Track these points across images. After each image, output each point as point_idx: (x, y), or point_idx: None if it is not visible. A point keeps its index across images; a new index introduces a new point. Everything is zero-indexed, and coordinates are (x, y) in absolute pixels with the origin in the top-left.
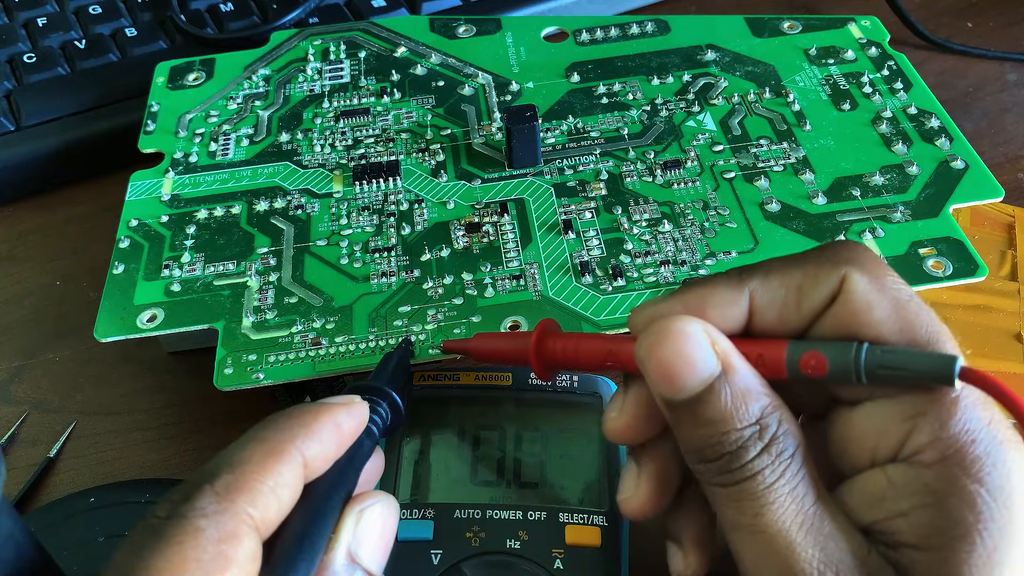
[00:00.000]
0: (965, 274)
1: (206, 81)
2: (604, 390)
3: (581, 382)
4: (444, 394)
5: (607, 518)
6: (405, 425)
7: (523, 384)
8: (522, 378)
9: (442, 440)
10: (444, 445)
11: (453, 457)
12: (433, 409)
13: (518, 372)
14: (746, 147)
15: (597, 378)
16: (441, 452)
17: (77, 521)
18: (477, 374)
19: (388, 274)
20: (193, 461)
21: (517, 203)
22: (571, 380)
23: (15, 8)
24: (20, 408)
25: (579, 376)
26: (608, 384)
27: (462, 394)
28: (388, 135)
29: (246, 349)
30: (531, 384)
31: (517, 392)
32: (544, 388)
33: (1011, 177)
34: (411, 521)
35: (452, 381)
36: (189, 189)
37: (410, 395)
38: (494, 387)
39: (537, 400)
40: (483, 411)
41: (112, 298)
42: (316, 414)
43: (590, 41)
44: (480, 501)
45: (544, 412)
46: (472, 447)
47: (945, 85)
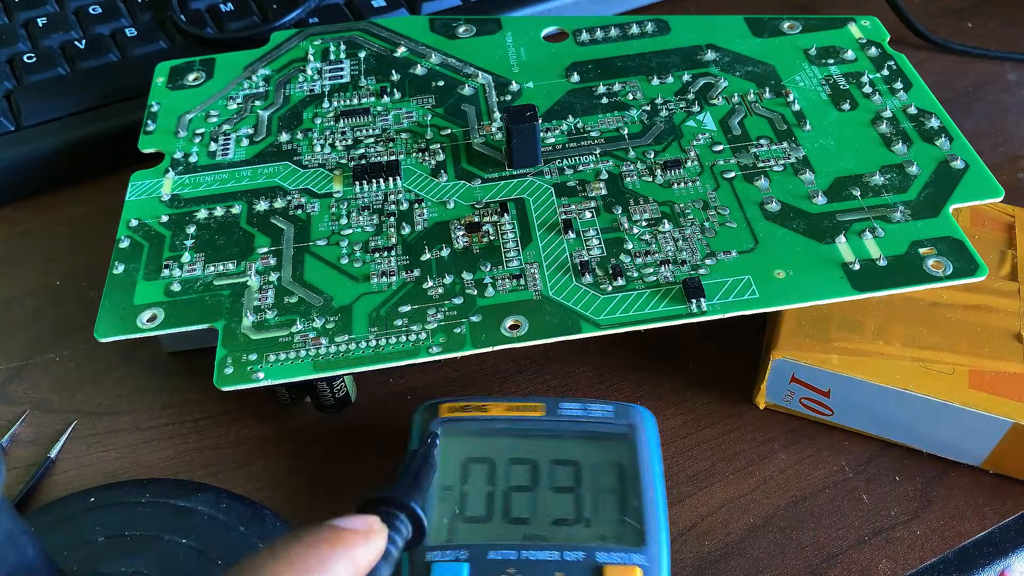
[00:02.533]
0: (965, 274)
1: (206, 81)
2: (638, 419)
3: (617, 412)
4: (473, 427)
5: (648, 557)
6: (433, 464)
7: (555, 414)
8: (554, 407)
9: (473, 475)
10: (475, 481)
11: (485, 493)
12: (462, 443)
13: (550, 401)
14: (746, 147)
15: (632, 407)
16: (472, 488)
17: (77, 521)
18: (508, 405)
19: (388, 274)
20: (193, 461)
21: (517, 203)
22: (605, 410)
23: (15, 8)
24: (20, 408)
25: (613, 406)
26: (644, 413)
27: (492, 426)
28: (388, 135)
29: (246, 349)
30: (564, 414)
31: (550, 423)
32: (578, 419)
33: (1011, 177)
34: (445, 563)
35: (481, 412)
36: (189, 189)
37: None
38: (526, 418)
39: (571, 431)
40: (514, 443)
41: (112, 298)
42: (332, 546)
43: (590, 41)
44: (515, 540)
45: (578, 444)
46: (505, 482)
47: (945, 85)
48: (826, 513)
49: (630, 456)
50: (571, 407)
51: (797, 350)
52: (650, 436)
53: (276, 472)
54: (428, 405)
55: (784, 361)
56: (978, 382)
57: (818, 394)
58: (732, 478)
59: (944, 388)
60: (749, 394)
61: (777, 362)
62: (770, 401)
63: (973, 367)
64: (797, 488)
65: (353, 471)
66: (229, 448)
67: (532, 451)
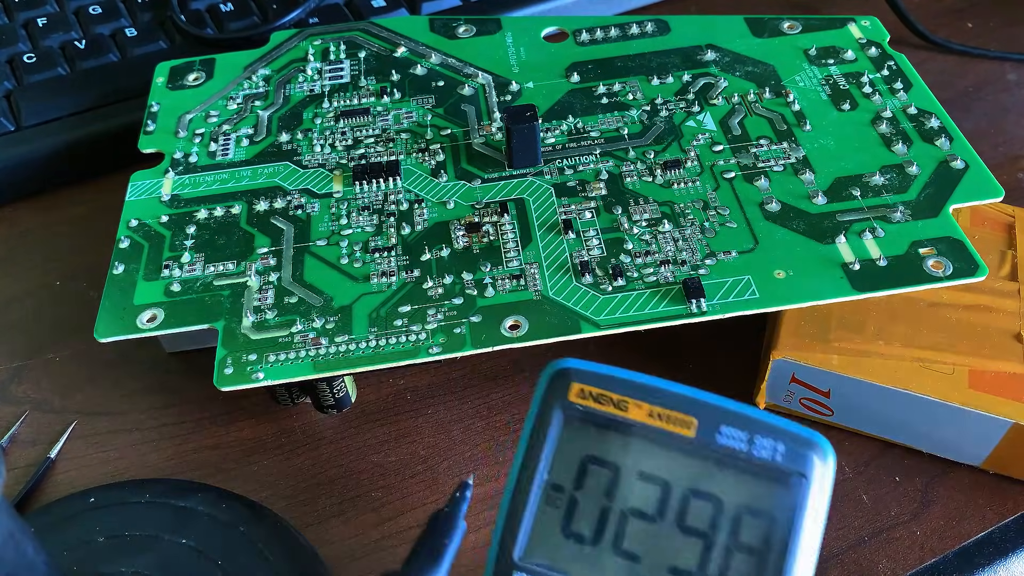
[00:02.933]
0: (965, 274)
1: (206, 81)
2: (814, 466)
3: (787, 451)
4: (603, 422)
5: None
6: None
7: (710, 438)
8: (710, 428)
9: (588, 480)
10: (590, 487)
11: (598, 507)
12: (585, 437)
13: (705, 418)
14: (746, 147)
15: (809, 450)
16: (585, 496)
17: (77, 521)
18: (652, 409)
19: (388, 274)
20: (193, 461)
21: (517, 203)
22: (775, 447)
23: (15, 8)
24: (20, 408)
25: (785, 443)
26: (823, 454)
27: (626, 429)
28: (388, 135)
29: (246, 349)
30: (721, 441)
31: (700, 447)
32: (736, 452)
33: (1011, 177)
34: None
35: (618, 411)
36: (189, 189)
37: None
38: (670, 434)
39: (722, 460)
40: (648, 457)
41: (112, 298)
42: None
43: (590, 41)
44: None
45: (727, 478)
46: (624, 501)
47: (945, 85)
48: None
49: (788, 511)
50: (732, 433)
51: (797, 350)
52: (825, 489)
53: (276, 472)
54: (556, 375)
55: (784, 361)
56: (978, 382)
57: (818, 394)
58: None
59: (944, 388)
60: (749, 394)
61: (777, 362)
62: (770, 401)
63: (973, 367)
64: None
65: (353, 471)
66: (229, 448)
67: (670, 468)
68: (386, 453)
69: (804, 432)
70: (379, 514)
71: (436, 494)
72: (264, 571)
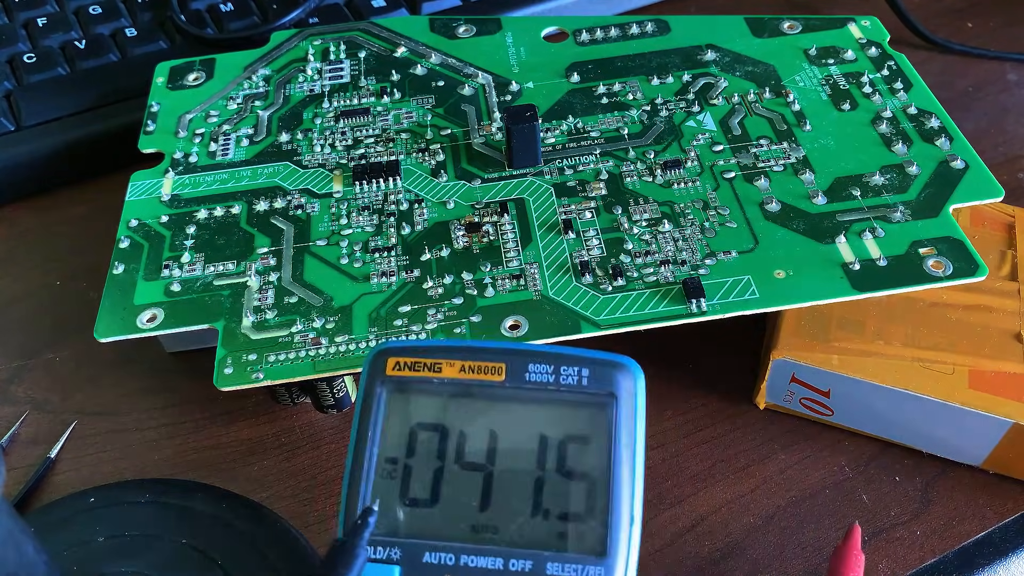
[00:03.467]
0: (965, 274)
1: (206, 81)
2: (622, 385)
3: (591, 378)
4: (423, 387)
5: (605, 570)
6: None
7: (520, 380)
8: (519, 371)
9: (419, 447)
10: (422, 453)
11: (431, 470)
12: (409, 407)
13: (513, 361)
14: (746, 147)
15: (613, 369)
16: (418, 463)
17: (77, 521)
18: (464, 364)
19: (388, 274)
20: (193, 461)
21: (517, 203)
22: (580, 374)
23: (15, 8)
24: (20, 408)
25: (589, 369)
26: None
27: (443, 390)
28: (388, 135)
29: (246, 349)
30: (530, 379)
31: (512, 390)
32: (545, 385)
33: (1011, 177)
34: (374, 565)
35: (433, 373)
36: (189, 189)
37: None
38: (483, 383)
39: (535, 399)
40: (469, 411)
41: (112, 298)
42: None
43: (590, 41)
44: (457, 538)
45: (542, 414)
46: (455, 457)
47: (945, 85)
48: (826, 513)
49: (604, 434)
50: (538, 371)
51: (797, 350)
52: (634, 408)
53: (276, 472)
54: (377, 359)
55: (784, 361)
56: (978, 382)
57: (818, 394)
58: (732, 478)
59: (944, 388)
60: (749, 394)
61: (777, 362)
62: (770, 401)
63: (973, 367)
64: (797, 488)
65: None
66: (229, 448)
67: (492, 417)
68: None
69: (608, 356)
70: None
71: None
72: (264, 571)
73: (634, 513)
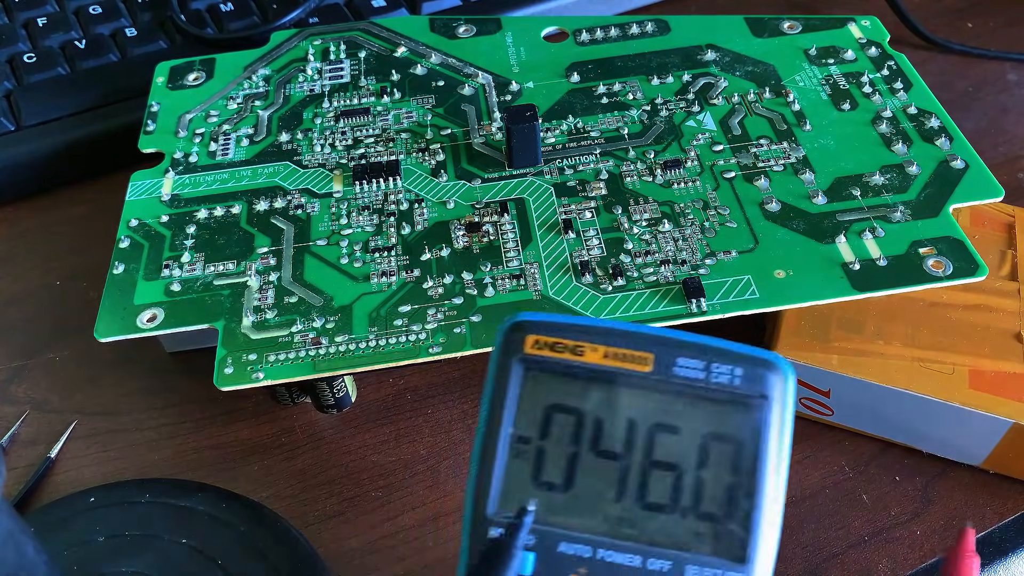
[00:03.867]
0: (965, 274)
1: (206, 81)
2: (775, 387)
3: (744, 375)
4: (561, 369)
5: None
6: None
7: (667, 371)
8: (667, 362)
9: (554, 429)
10: (556, 436)
11: (566, 454)
12: (546, 387)
13: (662, 354)
14: (746, 147)
15: (767, 371)
16: (552, 445)
17: (77, 521)
18: (608, 351)
19: (388, 274)
20: (193, 461)
21: (517, 203)
22: (732, 372)
23: (15, 8)
24: (20, 408)
25: (743, 368)
26: (783, 374)
27: (584, 374)
28: (388, 135)
29: (246, 349)
30: (677, 373)
31: (657, 382)
32: (695, 382)
33: (1011, 177)
34: None
35: (574, 356)
36: (189, 189)
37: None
38: (627, 372)
39: (681, 392)
40: (609, 398)
41: (112, 298)
42: None
43: (590, 41)
44: (593, 530)
45: (689, 408)
46: (591, 444)
47: (945, 85)
48: (826, 513)
49: (753, 435)
50: (688, 364)
51: (797, 350)
52: (784, 409)
53: (276, 472)
54: (511, 329)
55: None
56: (978, 382)
57: (818, 394)
58: None
59: (944, 388)
60: None
61: None
62: None
63: (973, 367)
64: (797, 488)
65: (353, 471)
66: (229, 448)
67: (632, 407)
68: (386, 453)
69: (760, 353)
70: (379, 514)
71: (436, 494)
72: (264, 571)
73: (777, 520)
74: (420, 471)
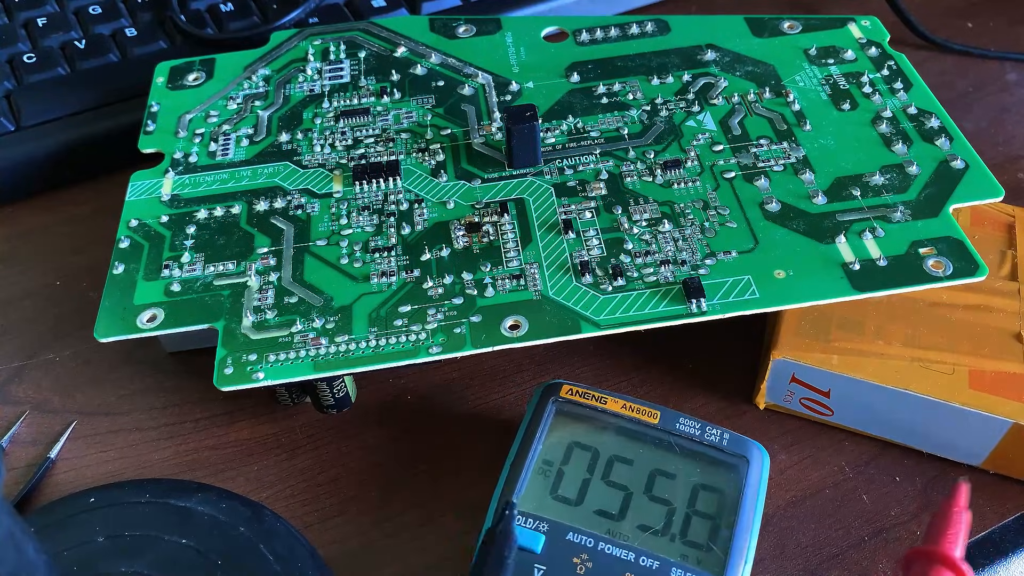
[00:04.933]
0: (965, 274)
1: (206, 81)
2: (753, 455)
3: (731, 441)
4: (586, 414)
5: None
6: (542, 433)
7: (671, 427)
8: (671, 420)
9: (574, 459)
10: (574, 465)
11: (581, 479)
12: (572, 426)
13: (667, 413)
14: (746, 147)
15: (750, 442)
16: (570, 470)
17: (77, 521)
18: (625, 403)
19: (388, 274)
20: (193, 461)
21: (517, 203)
22: (721, 436)
23: (15, 8)
24: (20, 408)
25: (730, 435)
26: (761, 451)
27: (604, 419)
28: (388, 135)
29: (246, 349)
30: (678, 429)
31: (662, 433)
32: (691, 437)
33: (1011, 177)
34: (523, 528)
35: (598, 403)
36: (189, 189)
37: None
38: (639, 421)
39: (680, 446)
40: (622, 442)
41: (112, 298)
42: None
43: (590, 41)
44: (596, 531)
45: (686, 461)
46: (602, 475)
47: (945, 85)
48: (826, 513)
49: (736, 488)
50: (687, 424)
51: (797, 350)
52: (761, 475)
53: (276, 472)
54: (551, 384)
55: (784, 361)
56: (978, 382)
57: (818, 394)
58: None
59: (944, 388)
60: (749, 394)
61: (777, 362)
62: (770, 401)
63: (973, 367)
64: (797, 488)
65: (353, 471)
66: (229, 448)
67: (638, 455)
68: (386, 453)
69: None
70: (379, 514)
71: (437, 494)
72: (264, 571)
73: (749, 555)
74: (420, 471)
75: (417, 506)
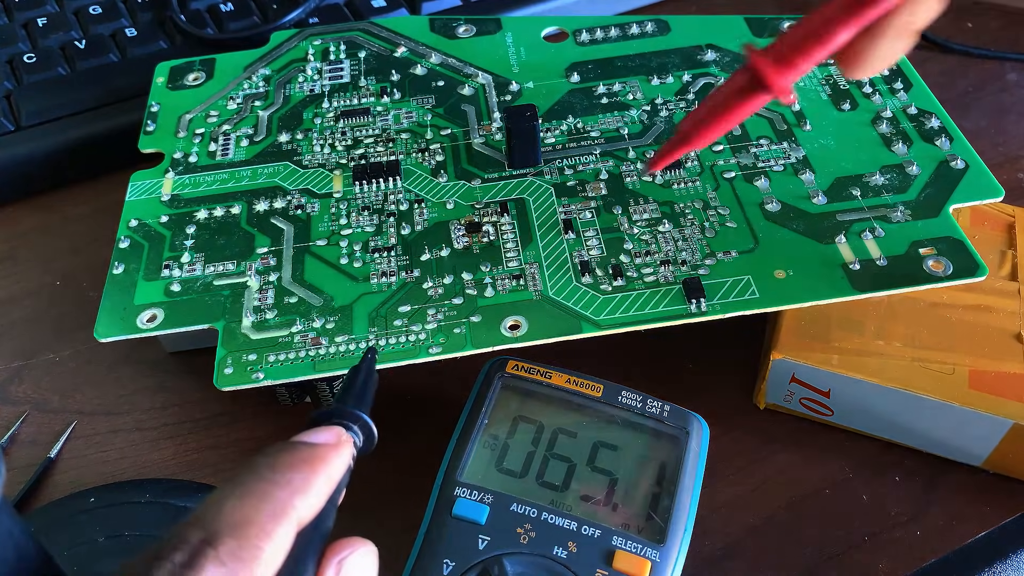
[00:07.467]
0: (965, 274)
1: (206, 81)
2: (695, 427)
3: (671, 413)
4: (531, 389)
5: (662, 554)
6: (488, 407)
7: (613, 400)
8: (613, 393)
9: (519, 433)
10: (519, 438)
11: (525, 452)
12: (517, 401)
13: (610, 386)
14: (746, 147)
15: (689, 413)
16: (515, 444)
17: (77, 521)
18: (569, 377)
19: (388, 274)
20: (193, 461)
21: (517, 203)
22: (662, 408)
23: (15, 8)
24: (20, 408)
25: (670, 407)
26: (700, 422)
27: (549, 393)
28: (388, 135)
29: (246, 349)
30: (621, 402)
31: (605, 405)
32: (632, 409)
33: (1011, 177)
34: (468, 501)
35: (543, 378)
36: (189, 189)
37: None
38: (583, 395)
39: (622, 419)
40: (566, 415)
41: (112, 298)
42: (312, 465)
43: (590, 41)
44: (539, 501)
45: (628, 433)
46: (547, 447)
47: (945, 85)
48: (826, 513)
49: (676, 458)
50: (629, 397)
51: (797, 350)
52: (701, 445)
53: None
54: (497, 360)
55: (784, 361)
56: (978, 382)
57: (818, 394)
58: (732, 478)
59: (944, 388)
60: (749, 394)
61: (777, 362)
62: (770, 401)
63: (973, 367)
64: (797, 488)
65: (353, 471)
66: (229, 448)
67: (582, 427)
68: (386, 453)
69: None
70: (379, 514)
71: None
72: None
73: (688, 523)
74: (420, 471)
75: (418, 506)
